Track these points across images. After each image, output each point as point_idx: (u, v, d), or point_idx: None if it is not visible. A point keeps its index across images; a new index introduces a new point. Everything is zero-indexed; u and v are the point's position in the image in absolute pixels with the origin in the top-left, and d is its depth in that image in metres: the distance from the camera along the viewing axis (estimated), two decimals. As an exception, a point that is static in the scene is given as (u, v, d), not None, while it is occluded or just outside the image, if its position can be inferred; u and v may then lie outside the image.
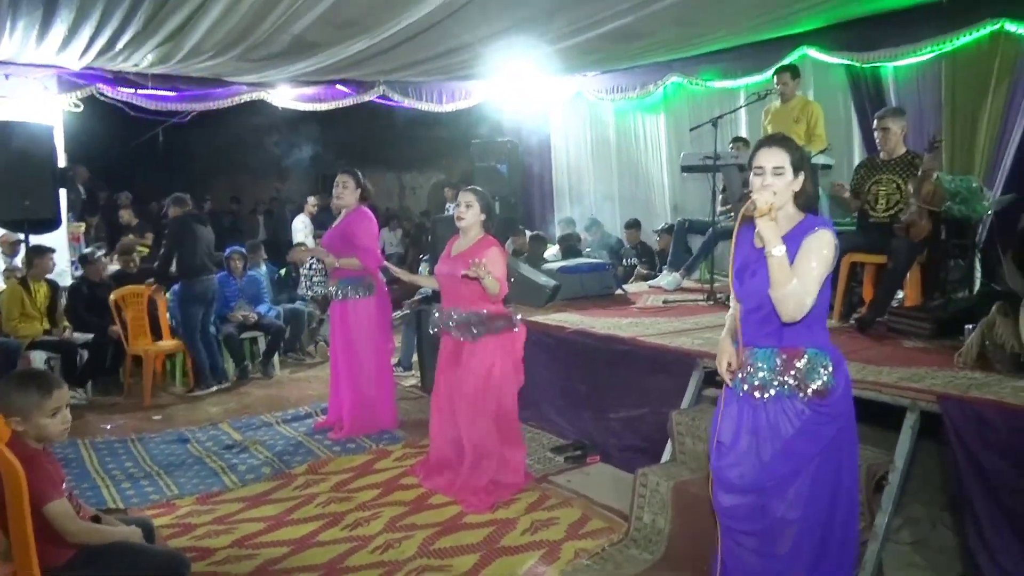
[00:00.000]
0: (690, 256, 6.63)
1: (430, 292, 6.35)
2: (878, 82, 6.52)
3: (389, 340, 5.24)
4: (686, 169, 6.93)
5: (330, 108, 8.73)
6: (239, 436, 5.20)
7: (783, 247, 2.22)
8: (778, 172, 2.31)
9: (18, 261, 6.96)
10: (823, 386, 2.28)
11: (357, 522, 3.76)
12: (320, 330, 7.75)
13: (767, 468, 2.33)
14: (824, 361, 2.30)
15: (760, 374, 2.35)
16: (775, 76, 6.14)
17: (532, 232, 7.97)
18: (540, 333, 4.96)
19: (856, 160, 6.26)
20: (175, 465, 4.68)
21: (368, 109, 9.21)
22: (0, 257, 7.12)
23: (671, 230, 7.36)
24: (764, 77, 7.13)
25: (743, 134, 7.24)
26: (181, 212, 6.35)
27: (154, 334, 6.58)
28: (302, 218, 9.75)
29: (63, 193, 6.87)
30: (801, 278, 2.21)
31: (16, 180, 6.11)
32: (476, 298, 3.97)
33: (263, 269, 7.71)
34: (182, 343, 6.44)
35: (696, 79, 8.07)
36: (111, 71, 7.26)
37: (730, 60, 7.67)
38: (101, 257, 6.96)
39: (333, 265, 4.97)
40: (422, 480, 4.24)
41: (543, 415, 5.01)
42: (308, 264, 8.15)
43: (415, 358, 6.67)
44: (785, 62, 6.74)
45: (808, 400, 2.29)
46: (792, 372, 2.30)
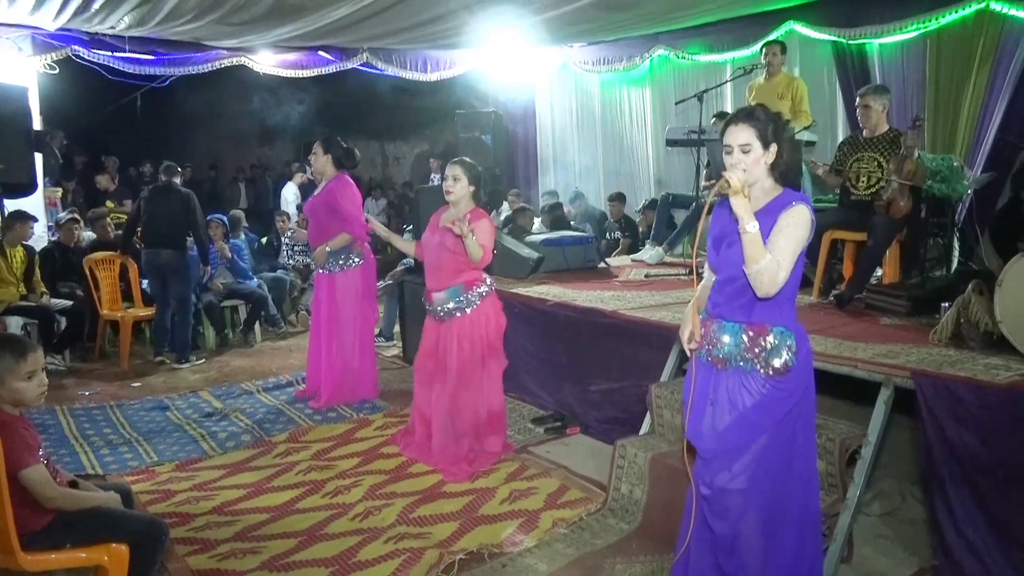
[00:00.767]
0: (673, 230, 6.65)
1: (413, 263, 6.34)
2: (863, 59, 6.53)
3: (374, 309, 5.23)
4: (671, 143, 6.93)
5: (312, 75, 8.61)
6: (219, 404, 5.19)
7: (756, 224, 2.22)
8: (745, 150, 2.31)
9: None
10: (784, 364, 2.31)
11: (337, 490, 3.77)
12: (301, 299, 7.72)
13: (720, 437, 2.37)
14: (789, 340, 2.32)
15: (725, 348, 2.38)
16: (764, 49, 6.11)
17: (516, 207, 7.94)
18: (522, 305, 4.97)
19: (840, 137, 6.28)
20: (154, 432, 4.66)
21: (351, 77, 9.09)
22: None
23: (654, 206, 7.37)
24: (751, 52, 7.11)
25: (728, 108, 7.23)
26: (166, 181, 6.30)
27: (129, 300, 6.54)
28: (291, 187, 9.68)
29: (39, 157, 6.74)
30: (775, 254, 2.22)
31: (-11, 143, 5.99)
32: (458, 270, 3.95)
33: (243, 238, 7.64)
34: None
35: (682, 52, 8.03)
36: (87, 33, 7.09)
37: (717, 34, 7.64)
38: (70, 222, 6.86)
39: (324, 258, 4.94)
40: (403, 449, 4.26)
41: (523, 387, 5.04)
42: (289, 232, 8.11)
43: (396, 328, 6.68)
44: (771, 37, 6.71)
45: (767, 376, 2.32)
46: (756, 350, 2.32)
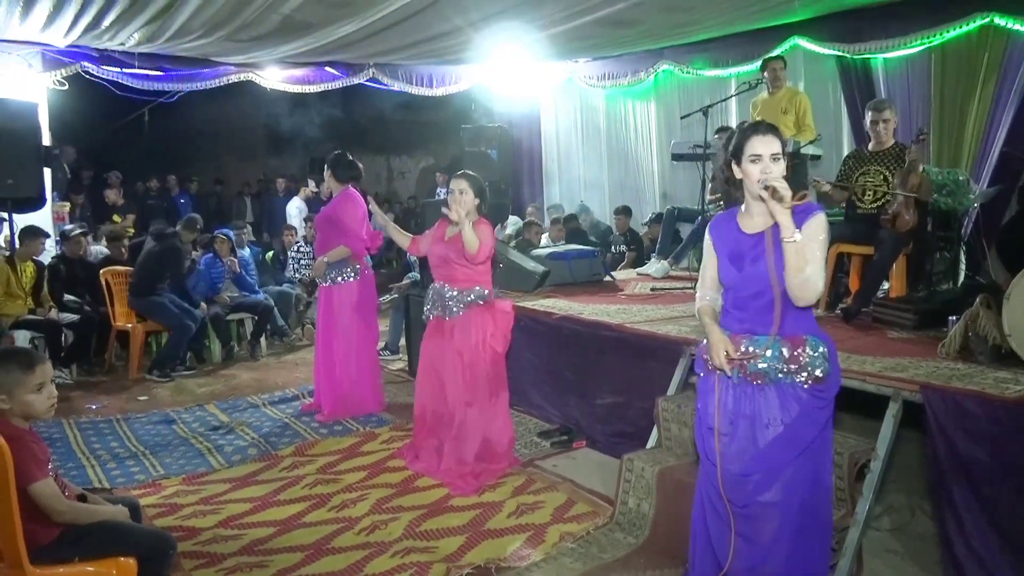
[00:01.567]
0: (679, 244, 6.65)
1: (418, 277, 6.36)
2: (868, 73, 6.55)
3: (373, 323, 5.26)
4: (676, 157, 6.94)
5: (319, 90, 8.67)
6: (225, 417, 5.19)
7: (799, 233, 2.21)
8: (776, 158, 2.31)
9: (1, 240, 6.89)
10: (823, 372, 2.31)
11: (343, 504, 3.77)
12: (307, 313, 7.73)
13: (763, 454, 2.34)
14: (822, 347, 2.33)
15: (762, 363, 2.33)
16: (765, 65, 6.08)
17: (526, 220, 7.97)
18: (528, 318, 4.98)
19: (845, 151, 6.28)
20: (161, 445, 4.67)
21: (358, 92, 9.15)
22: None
23: (659, 220, 7.38)
24: (755, 67, 7.11)
25: (732, 123, 7.24)
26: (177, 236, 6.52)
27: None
28: (296, 201, 9.74)
29: (48, 172, 6.80)
30: (812, 263, 2.22)
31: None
32: (469, 281, 3.98)
33: (247, 251, 7.68)
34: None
35: (687, 67, 8.07)
36: (97, 49, 7.17)
37: (721, 49, 7.68)
38: (79, 235, 6.90)
39: (322, 269, 5.02)
40: (409, 463, 4.25)
41: (530, 400, 5.03)
42: (296, 247, 8.15)
43: (402, 342, 6.68)
44: (776, 52, 6.74)
45: (808, 386, 2.32)
46: (798, 361, 2.31)
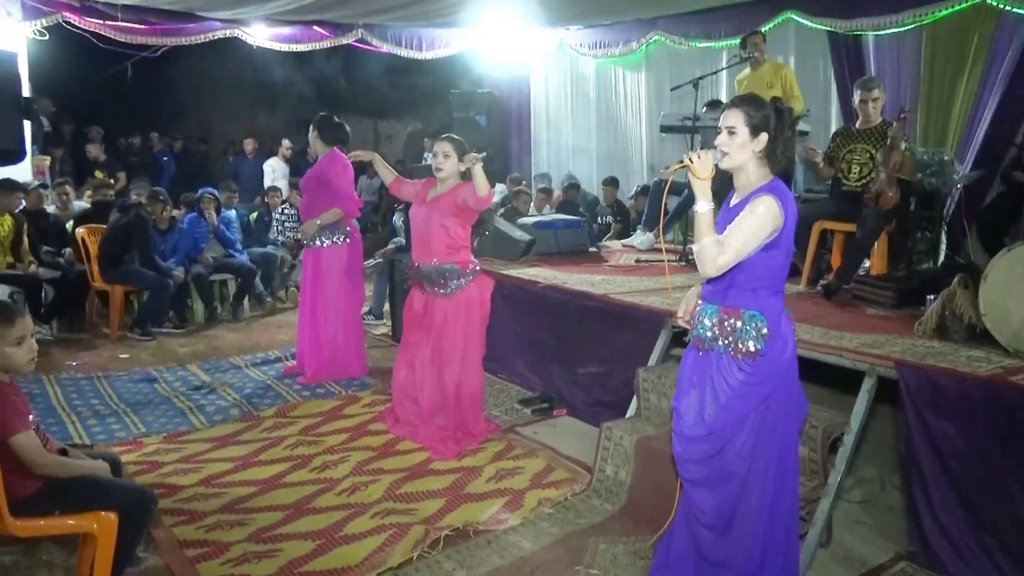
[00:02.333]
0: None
1: (403, 242, 6.34)
2: (859, 50, 6.53)
3: (360, 287, 5.25)
4: (665, 129, 6.92)
5: (306, 50, 8.54)
6: (207, 378, 5.19)
7: (708, 204, 2.30)
8: (731, 132, 2.35)
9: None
10: (753, 348, 2.33)
11: (324, 465, 3.80)
12: (292, 275, 7.70)
13: (707, 423, 2.41)
14: (759, 324, 2.33)
15: (703, 330, 2.45)
16: (745, 42, 5.87)
17: (515, 187, 7.95)
18: (512, 287, 4.99)
19: (833, 127, 6.29)
20: (142, 404, 4.66)
21: (345, 53, 9.02)
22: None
23: (646, 192, 7.38)
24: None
25: (723, 96, 7.23)
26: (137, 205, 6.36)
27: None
28: (272, 161, 9.61)
29: (27, 125, 6.66)
30: (725, 237, 2.27)
31: (-24, 109, 5.91)
32: (445, 247, 3.97)
33: (233, 212, 7.61)
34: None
35: (679, 38, 8.01)
36: (79, -1, 7.02)
37: (713, 20, 7.63)
38: (38, 187, 6.80)
39: (312, 231, 4.95)
40: (390, 427, 4.29)
41: (512, 367, 5.07)
42: (280, 208, 8.08)
43: (386, 307, 6.69)
44: (768, 26, 6.69)
45: (736, 359, 2.36)
46: (727, 331, 2.37)
